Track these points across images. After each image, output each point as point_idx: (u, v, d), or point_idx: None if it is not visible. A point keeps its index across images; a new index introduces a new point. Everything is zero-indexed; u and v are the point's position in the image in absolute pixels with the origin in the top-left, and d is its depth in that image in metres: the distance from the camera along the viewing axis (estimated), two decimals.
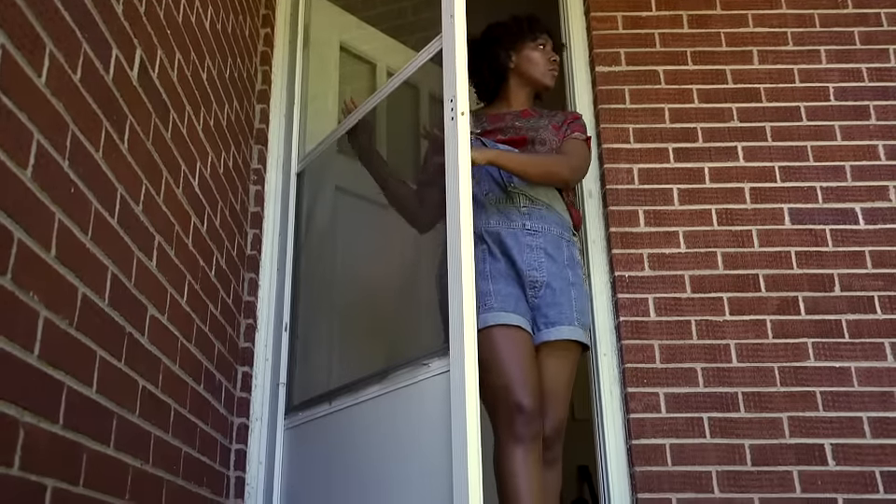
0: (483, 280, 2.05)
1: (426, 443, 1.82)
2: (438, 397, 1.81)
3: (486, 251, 2.11)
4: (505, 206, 2.14)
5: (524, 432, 1.93)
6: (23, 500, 1.05)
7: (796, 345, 2.43)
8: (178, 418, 1.74)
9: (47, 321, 1.13)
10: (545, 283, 2.09)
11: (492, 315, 2.00)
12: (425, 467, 1.81)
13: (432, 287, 1.98)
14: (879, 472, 2.29)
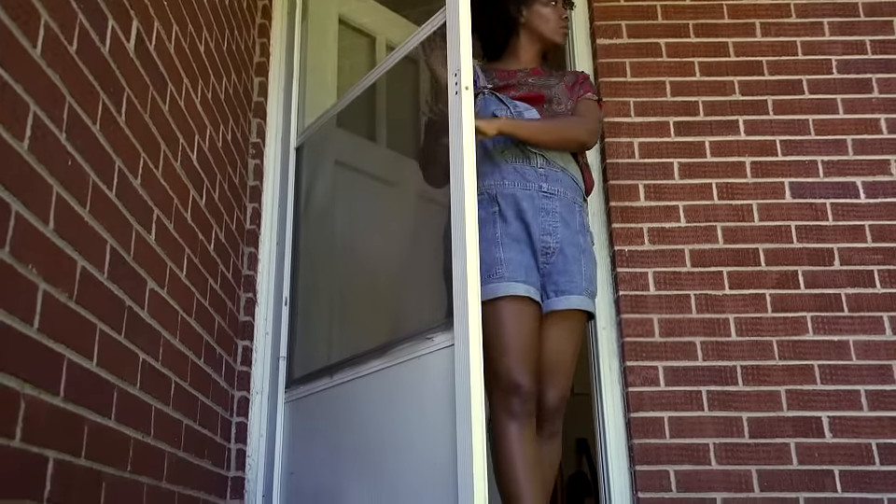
0: (493, 247, 2.00)
1: (428, 418, 1.83)
2: (441, 371, 1.81)
3: (497, 214, 2.05)
4: (521, 166, 2.08)
5: (519, 410, 1.93)
6: (25, 472, 1.06)
7: (795, 319, 2.44)
8: (179, 391, 1.75)
9: (46, 294, 1.13)
10: (558, 249, 2.05)
11: (503, 286, 1.96)
12: (427, 441, 1.82)
13: (435, 260, 1.97)
14: (876, 444, 2.30)
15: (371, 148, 2.56)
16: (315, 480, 2.18)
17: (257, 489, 2.33)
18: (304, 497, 2.22)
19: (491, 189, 2.06)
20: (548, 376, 2.01)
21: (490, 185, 2.07)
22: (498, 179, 2.07)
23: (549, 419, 2.03)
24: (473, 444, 1.64)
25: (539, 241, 2.04)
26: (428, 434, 1.83)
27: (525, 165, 2.08)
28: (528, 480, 1.88)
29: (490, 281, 1.95)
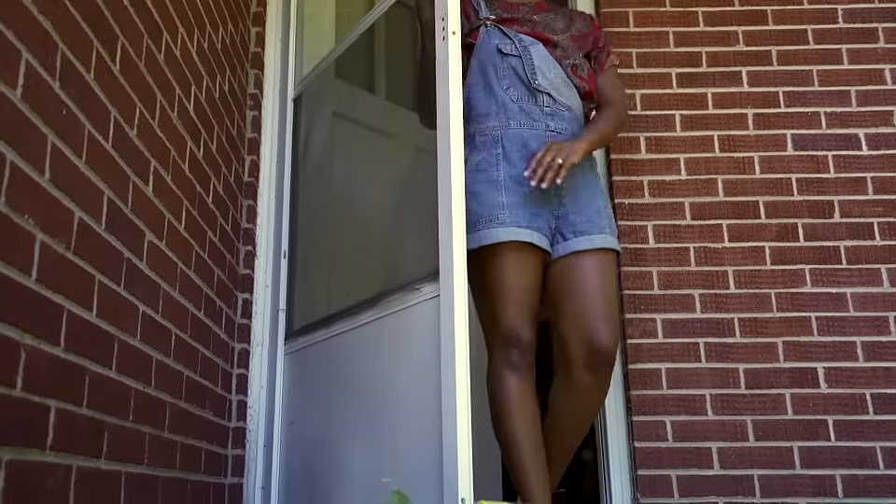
0: (495, 190, 1.93)
1: (417, 366, 1.84)
2: (429, 321, 1.83)
3: (501, 156, 1.96)
4: (528, 105, 2.00)
5: (519, 362, 1.90)
6: (27, 421, 1.07)
7: (794, 272, 2.44)
8: (179, 343, 1.76)
9: (43, 245, 1.13)
10: (571, 190, 1.97)
11: (504, 231, 1.88)
12: (416, 388, 1.84)
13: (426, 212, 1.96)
14: (870, 394, 2.33)
15: (368, 100, 2.54)
16: (314, 429, 2.21)
17: (258, 439, 2.36)
18: (305, 447, 2.25)
19: (495, 131, 1.98)
20: (592, 317, 1.88)
21: (494, 126, 1.99)
22: (503, 120, 1.99)
23: (605, 361, 1.88)
24: (457, 391, 1.67)
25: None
26: (417, 382, 1.84)
27: (532, 104, 2.00)
28: (526, 433, 1.89)
29: (491, 225, 1.89)
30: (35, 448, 1.09)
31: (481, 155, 1.97)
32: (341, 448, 2.07)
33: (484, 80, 2.02)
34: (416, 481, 1.74)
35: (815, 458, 2.28)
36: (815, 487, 2.26)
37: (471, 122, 2.02)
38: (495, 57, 2.02)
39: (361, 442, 1.99)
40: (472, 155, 1.98)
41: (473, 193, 1.93)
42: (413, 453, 1.81)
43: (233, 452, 2.26)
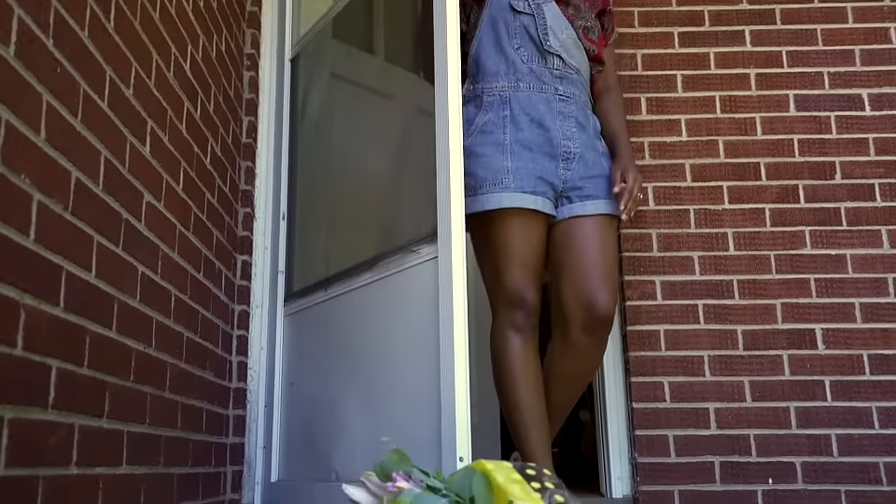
0: (500, 153, 1.91)
1: (415, 328, 1.85)
2: (427, 282, 1.83)
3: (509, 118, 1.93)
4: (538, 67, 1.96)
5: (524, 324, 1.90)
6: (28, 380, 1.08)
7: (793, 233, 2.44)
8: (179, 304, 1.76)
9: (41, 205, 1.12)
10: (578, 155, 1.95)
11: (507, 197, 1.87)
12: (415, 349, 1.85)
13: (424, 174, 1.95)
14: (867, 355, 2.34)
15: (366, 60, 2.51)
16: (314, 391, 2.23)
17: (258, 400, 2.38)
18: (305, 407, 2.27)
19: (504, 92, 1.95)
20: (591, 280, 1.88)
21: (503, 87, 1.96)
22: (513, 81, 1.95)
23: (603, 323, 1.88)
24: (455, 352, 1.68)
25: (560, 145, 1.93)
26: (415, 343, 1.85)
27: (542, 66, 1.96)
28: (529, 395, 1.90)
29: (494, 190, 1.88)
30: (37, 407, 1.10)
31: (487, 116, 1.95)
32: (340, 408, 2.08)
33: (495, 37, 1.99)
34: (415, 440, 1.76)
35: (811, 418, 2.31)
36: (810, 446, 2.29)
37: (479, 80, 2.00)
38: (507, 13, 1.98)
39: (360, 403, 2.01)
40: (479, 115, 1.96)
41: (478, 155, 1.91)
42: (411, 413, 1.83)
43: (234, 412, 2.28)
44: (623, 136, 2.06)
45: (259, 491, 2.32)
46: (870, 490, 2.25)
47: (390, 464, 1.23)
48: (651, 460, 2.30)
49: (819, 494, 2.25)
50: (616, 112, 2.10)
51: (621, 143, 2.04)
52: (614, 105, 2.11)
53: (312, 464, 2.19)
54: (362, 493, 1.24)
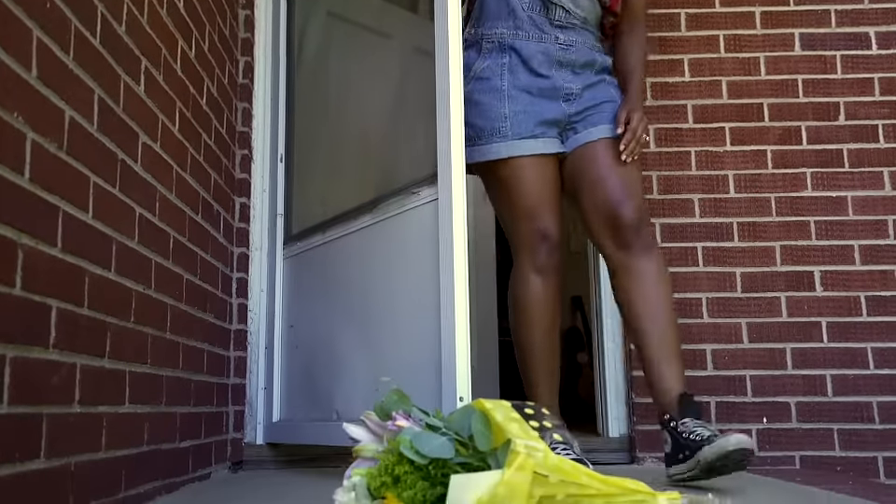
0: (498, 100, 1.90)
1: (415, 269, 1.86)
2: (427, 224, 1.83)
3: (506, 66, 1.92)
4: (539, 17, 1.92)
5: (546, 264, 1.89)
6: (29, 319, 1.08)
7: (795, 175, 2.43)
8: (178, 246, 1.76)
9: (35, 144, 1.11)
10: (579, 92, 1.92)
11: (505, 147, 1.88)
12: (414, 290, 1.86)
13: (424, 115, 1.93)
14: (864, 297, 2.35)
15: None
16: (314, 333, 2.24)
17: (259, 342, 2.39)
18: (304, 349, 2.28)
19: (503, 38, 1.93)
20: (610, 193, 1.85)
21: (502, 33, 1.93)
22: (512, 28, 1.93)
23: (632, 234, 1.84)
24: (456, 293, 1.69)
25: (561, 88, 1.91)
26: (415, 284, 1.86)
27: (543, 16, 1.93)
28: (542, 340, 1.91)
29: (493, 140, 1.88)
30: (39, 346, 1.10)
31: (486, 62, 1.92)
32: (340, 350, 2.10)
33: None
34: (415, 380, 1.78)
35: (807, 359, 2.33)
36: (805, 386, 2.31)
37: (480, 25, 1.97)
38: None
39: (360, 344, 2.03)
40: (478, 61, 1.94)
41: (475, 103, 1.90)
42: (411, 354, 1.84)
43: (235, 354, 2.30)
44: (635, 77, 1.98)
45: (260, 430, 2.35)
46: (862, 428, 2.28)
47: (390, 403, 1.24)
48: (647, 400, 2.32)
49: (812, 432, 2.29)
50: (634, 52, 2.02)
51: (632, 83, 1.97)
52: (634, 46, 2.03)
53: (313, 404, 2.21)
54: (362, 431, 1.25)
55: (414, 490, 1.09)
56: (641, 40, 2.05)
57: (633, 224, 1.84)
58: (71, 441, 1.19)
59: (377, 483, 1.11)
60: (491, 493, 1.08)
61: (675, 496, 1.21)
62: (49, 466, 1.12)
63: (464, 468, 1.13)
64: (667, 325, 1.82)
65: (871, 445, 2.27)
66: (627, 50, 2.02)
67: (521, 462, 1.09)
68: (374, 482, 1.12)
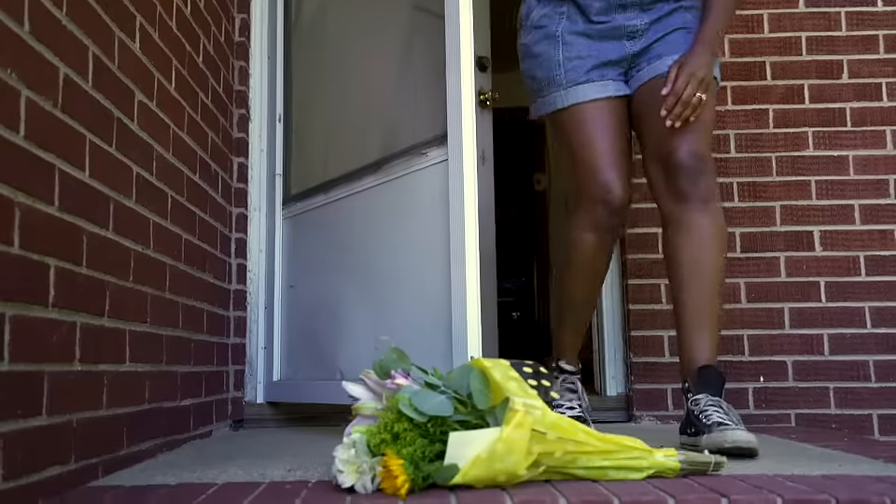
0: (553, 48, 1.78)
1: (424, 230, 1.85)
2: (436, 185, 1.82)
3: (564, 14, 1.79)
4: None
5: (606, 221, 1.76)
6: (28, 277, 1.08)
7: (797, 135, 2.41)
8: (176, 206, 1.75)
9: (29, 101, 1.10)
10: (645, 28, 1.75)
11: (560, 96, 1.76)
12: (422, 252, 1.86)
13: (431, 74, 1.91)
14: (863, 256, 2.35)
15: None
16: (315, 293, 2.24)
17: (258, 302, 2.40)
18: (305, 310, 2.29)
19: None
20: (667, 131, 1.67)
21: None
22: None
23: (688, 181, 1.67)
24: (467, 254, 1.69)
25: (623, 27, 1.75)
26: (423, 245, 1.86)
27: None
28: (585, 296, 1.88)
29: (550, 90, 1.79)
30: (38, 305, 1.10)
31: (544, 10, 1.82)
32: (343, 311, 2.11)
33: None
34: (421, 340, 1.79)
35: (805, 318, 2.34)
36: (802, 346, 2.33)
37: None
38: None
39: (365, 305, 2.03)
40: (536, 9, 1.84)
41: (534, 56, 1.82)
42: (418, 314, 1.85)
43: (235, 314, 2.30)
44: (708, 17, 1.72)
45: (260, 389, 2.37)
46: (858, 387, 2.30)
47: (389, 362, 1.25)
48: (644, 360, 2.35)
49: (807, 391, 2.31)
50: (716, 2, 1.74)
51: (701, 30, 1.72)
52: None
53: (314, 364, 2.23)
54: (361, 389, 1.26)
55: (414, 447, 1.10)
56: None
57: (689, 169, 1.66)
58: (72, 399, 1.20)
59: (377, 441, 1.12)
60: (489, 450, 1.09)
61: (671, 452, 1.23)
62: (51, 422, 1.13)
63: (462, 425, 1.14)
64: (709, 292, 1.68)
65: (866, 403, 2.29)
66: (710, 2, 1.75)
67: (519, 420, 1.10)
68: (374, 439, 1.13)
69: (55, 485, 1.13)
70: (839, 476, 1.22)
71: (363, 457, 1.11)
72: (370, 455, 1.11)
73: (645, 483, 1.15)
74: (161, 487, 1.20)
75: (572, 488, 1.10)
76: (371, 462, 1.10)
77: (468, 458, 1.09)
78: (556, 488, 1.11)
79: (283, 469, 1.36)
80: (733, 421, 1.50)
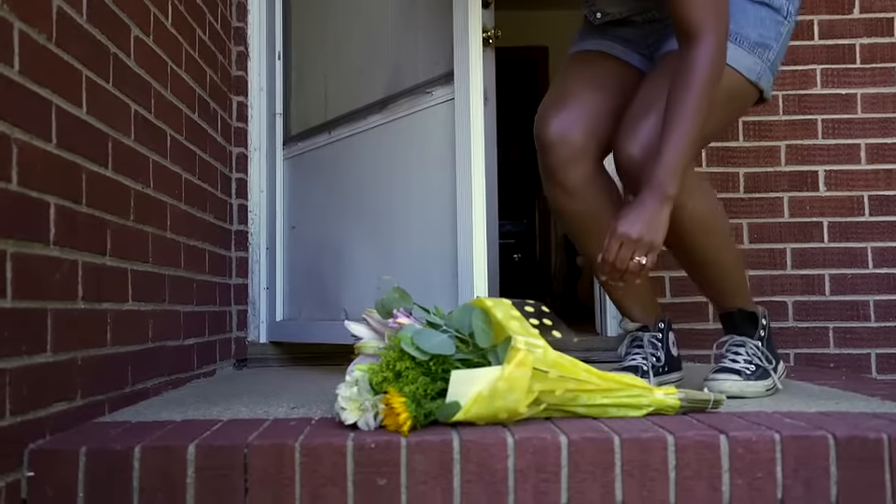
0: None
1: (429, 171, 1.84)
2: (442, 124, 1.80)
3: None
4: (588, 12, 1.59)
5: (563, 176, 1.50)
6: (27, 215, 1.07)
7: (804, 73, 2.37)
8: (175, 144, 1.74)
9: (22, 34, 1.07)
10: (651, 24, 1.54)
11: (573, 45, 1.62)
12: (428, 192, 1.85)
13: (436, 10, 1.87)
14: (868, 196, 2.34)
15: None
16: (317, 234, 2.24)
17: (260, 242, 2.40)
18: (308, 251, 2.29)
19: None
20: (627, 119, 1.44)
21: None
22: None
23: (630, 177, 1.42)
24: (474, 195, 1.68)
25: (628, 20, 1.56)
26: (428, 186, 1.85)
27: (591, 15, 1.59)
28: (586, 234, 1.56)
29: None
30: (39, 242, 1.10)
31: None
32: (347, 251, 2.11)
33: None
34: (427, 280, 1.79)
35: (806, 259, 2.34)
36: (804, 286, 2.33)
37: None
38: None
39: (369, 245, 2.03)
40: None
41: None
42: (423, 255, 1.85)
43: (237, 254, 2.31)
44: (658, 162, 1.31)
45: (263, 329, 2.39)
46: (857, 326, 2.32)
47: (391, 301, 1.25)
48: None
49: (807, 331, 2.32)
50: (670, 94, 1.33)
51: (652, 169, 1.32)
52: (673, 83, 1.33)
53: (317, 304, 2.24)
54: (364, 329, 1.26)
55: (416, 385, 1.11)
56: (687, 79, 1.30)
57: (629, 163, 1.40)
58: (76, 336, 1.21)
59: (379, 379, 1.13)
60: (491, 388, 1.10)
61: (671, 390, 1.24)
62: (55, 359, 1.14)
63: (464, 364, 1.15)
64: (698, 270, 1.57)
65: (865, 342, 2.31)
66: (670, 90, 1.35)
67: (521, 358, 1.11)
68: (376, 377, 1.14)
69: (62, 421, 1.15)
70: (836, 413, 1.24)
71: (366, 395, 1.12)
72: (372, 393, 1.12)
73: (645, 421, 1.16)
74: (166, 423, 1.22)
75: (573, 426, 1.12)
76: (374, 400, 1.11)
77: (469, 396, 1.10)
78: (557, 426, 1.12)
79: (286, 407, 1.37)
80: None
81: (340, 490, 1.03)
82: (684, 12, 1.29)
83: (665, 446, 1.04)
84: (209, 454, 1.04)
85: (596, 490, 1.04)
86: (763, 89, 1.46)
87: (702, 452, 1.04)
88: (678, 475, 1.04)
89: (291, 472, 1.03)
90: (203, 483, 1.03)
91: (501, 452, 1.04)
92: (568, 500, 1.04)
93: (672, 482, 1.04)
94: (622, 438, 1.05)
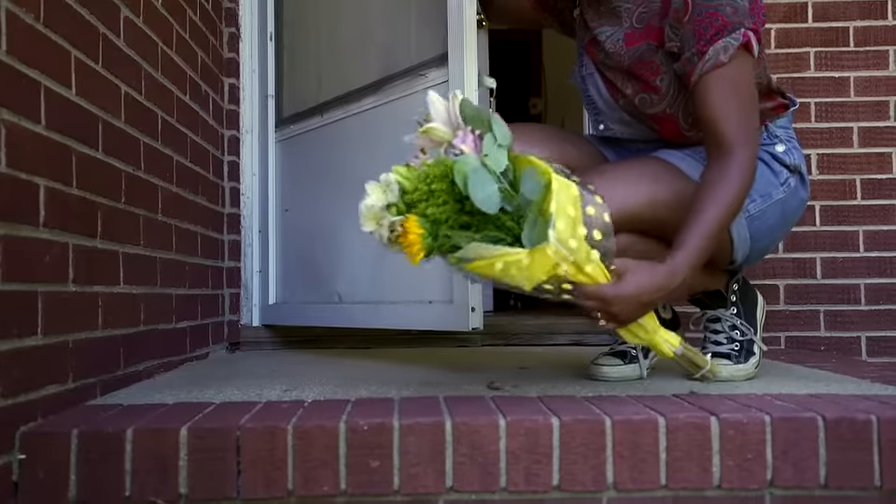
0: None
1: None
2: None
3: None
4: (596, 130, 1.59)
5: None
6: (17, 197, 1.06)
7: (798, 55, 2.37)
8: (167, 127, 1.72)
9: (9, 13, 1.06)
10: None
11: None
12: None
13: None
14: (860, 180, 2.34)
15: None
16: (311, 217, 2.23)
17: (252, 225, 2.39)
18: (301, 234, 2.29)
19: None
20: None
21: None
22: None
23: None
24: None
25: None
26: None
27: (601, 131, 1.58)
28: None
29: None
30: (28, 225, 1.09)
31: None
32: (340, 234, 2.10)
33: None
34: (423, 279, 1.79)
35: (798, 243, 2.34)
36: (795, 269, 2.34)
37: None
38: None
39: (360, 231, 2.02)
40: None
41: None
42: None
43: (229, 237, 2.30)
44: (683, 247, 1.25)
45: (256, 312, 2.39)
46: (848, 309, 2.33)
47: (469, 111, 1.08)
48: None
49: (798, 314, 2.33)
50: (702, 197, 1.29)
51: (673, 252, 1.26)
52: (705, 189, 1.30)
53: (311, 287, 2.24)
54: (441, 107, 1.13)
55: (443, 209, 1.06)
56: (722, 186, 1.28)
57: None
58: (68, 319, 1.21)
59: (412, 188, 1.09)
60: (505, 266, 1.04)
61: (675, 340, 1.25)
62: (47, 342, 1.13)
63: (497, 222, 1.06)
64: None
65: (855, 326, 2.32)
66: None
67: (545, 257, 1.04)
68: (410, 184, 1.09)
69: (54, 403, 1.15)
70: (826, 395, 1.25)
71: (392, 199, 1.10)
72: (399, 200, 1.09)
73: (637, 403, 1.17)
74: (159, 406, 1.22)
75: (566, 408, 1.12)
76: (393, 222, 1.09)
77: (484, 258, 1.05)
78: (549, 408, 1.13)
79: (279, 390, 1.38)
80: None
81: (332, 472, 1.04)
82: (718, 126, 1.29)
83: (657, 428, 1.05)
84: (202, 436, 1.04)
85: (588, 471, 1.04)
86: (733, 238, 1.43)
87: (692, 433, 1.05)
88: (668, 456, 1.05)
89: (284, 455, 1.04)
90: (195, 465, 1.03)
91: (493, 434, 1.05)
92: (560, 481, 1.04)
93: (663, 463, 1.05)
94: (613, 420, 1.05)
